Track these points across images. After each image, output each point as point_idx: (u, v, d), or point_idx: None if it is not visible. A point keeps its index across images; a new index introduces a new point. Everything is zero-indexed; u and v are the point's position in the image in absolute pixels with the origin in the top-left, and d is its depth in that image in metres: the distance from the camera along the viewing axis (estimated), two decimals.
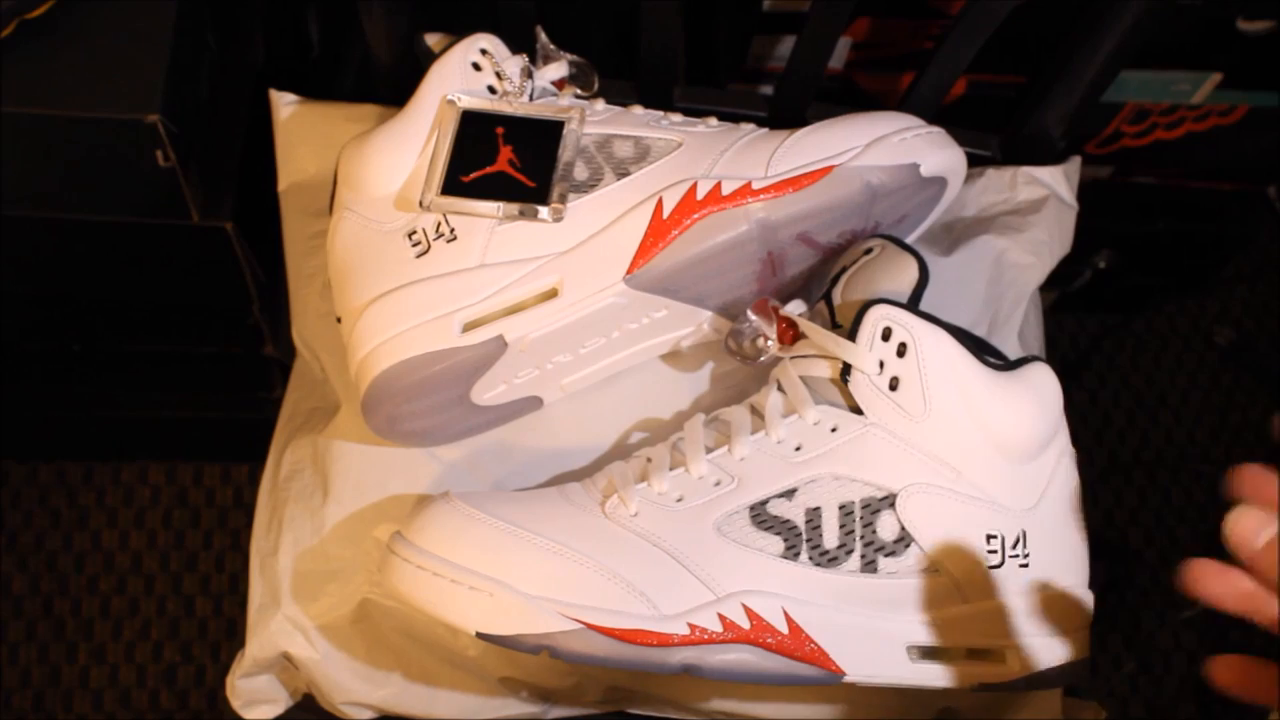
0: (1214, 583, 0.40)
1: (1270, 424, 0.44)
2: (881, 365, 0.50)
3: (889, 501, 0.50)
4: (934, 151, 0.55)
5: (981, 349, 0.52)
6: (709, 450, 0.52)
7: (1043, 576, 0.52)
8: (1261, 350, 1.26)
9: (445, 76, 0.56)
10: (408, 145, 0.55)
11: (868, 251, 0.53)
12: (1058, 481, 0.52)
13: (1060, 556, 0.52)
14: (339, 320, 0.55)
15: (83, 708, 1.07)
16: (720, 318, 0.58)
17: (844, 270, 0.53)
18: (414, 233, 0.54)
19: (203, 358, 0.96)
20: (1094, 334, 1.24)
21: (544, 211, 0.53)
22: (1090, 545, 0.54)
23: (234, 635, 1.09)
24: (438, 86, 0.55)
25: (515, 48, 0.57)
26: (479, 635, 0.48)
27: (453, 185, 0.54)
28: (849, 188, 0.54)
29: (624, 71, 0.66)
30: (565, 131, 0.55)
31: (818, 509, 0.50)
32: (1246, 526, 0.39)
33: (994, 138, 0.70)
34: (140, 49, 0.68)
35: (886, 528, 0.50)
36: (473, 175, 0.54)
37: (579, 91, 0.58)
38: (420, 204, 0.54)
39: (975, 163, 0.68)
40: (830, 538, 0.50)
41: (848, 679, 0.51)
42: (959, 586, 0.51)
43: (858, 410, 0.50)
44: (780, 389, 0.53)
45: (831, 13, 0.60)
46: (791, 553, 0.50)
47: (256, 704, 0.61)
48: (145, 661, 1.08)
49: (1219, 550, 0.50)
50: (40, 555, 1.11)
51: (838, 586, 0.50)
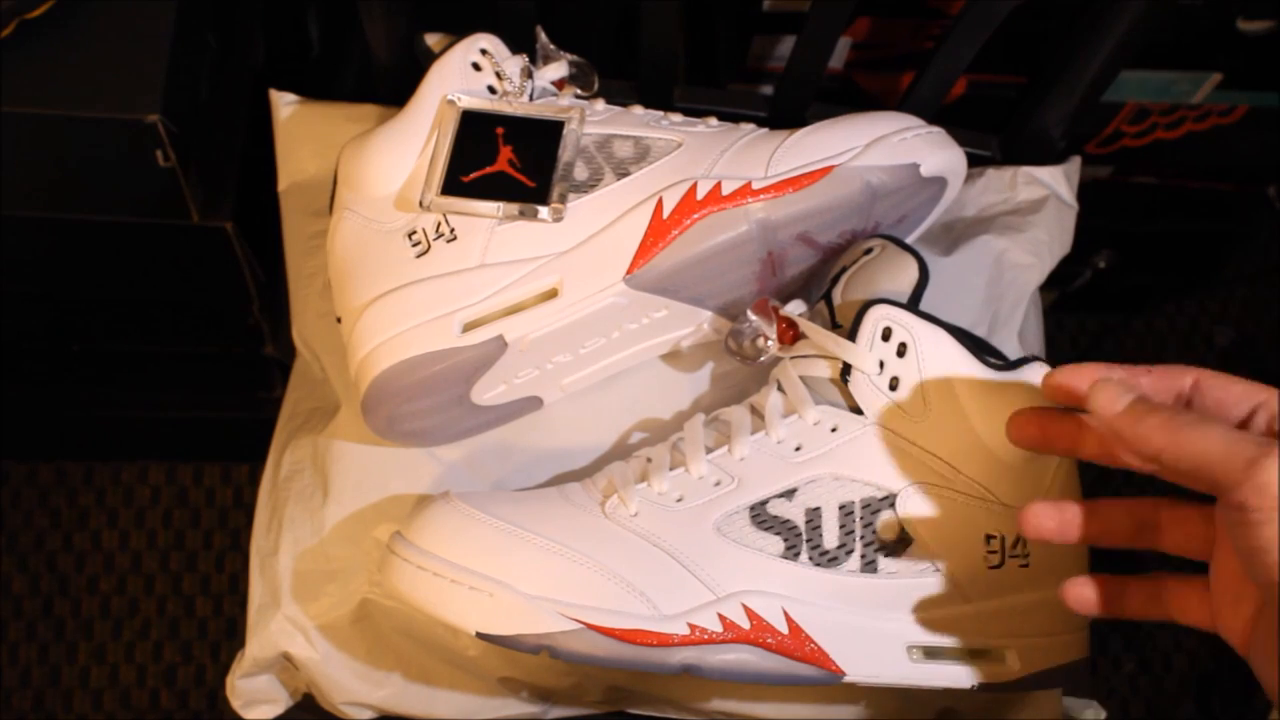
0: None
1: None
2: (881, 365, 0.50)
3: (889, 501, 0.50)
4: (934, 151, 0.55)
5: (981, 349, 0.52)
6: (709, 450, 0.52)
7: (1042, 576, 0.52)
8: (1261, 350, 1.26)
9: (445, 76, 0.56)
10: (408, 145, 0.55)
11: (868, 251, 0.53)
12: (1058, 480, 0.52)
13: (1060, 556, 0.52)
14: (339, 320, 0.55)
15: (83, 708, 1.07)
16: (720, 318, 0.58)
17: (844, 270, 0.53)
18: (414, 233, 0.54)
19: (203, 358, 0.96)
20: (1094, 334, 1.24)
21: (544, 211, 0.53)
22: (1090, 545, 0.54)
23: (234, 635, 1.09)
24: (438, 86, 0.55)
25: (515, 48, 0.57)
26: (479, 635, 0.48)
27: (453, 185, 0.54)
28: (849, 188, 0.54)
29: (624, 71, 0.66)
30: (565, 131, 0.55)
31: (818, 509, 0.50)
32: (1109, 395, 0.43)
33: (994, 138, 0.70)
34: (140, 49, 0.68)
35: (886, 528, 0.50)
36: (473, 175, 0.54)
37: (579, 91, 0.58)
38: (420, 204, 0.54)
39: (975, 163, 0.68)
40: (830, 538, 0.50)
41: (848, 679, 0.51)
42: (959, 586, 0.51)
43: (858, 410, 0.51)
44: (780, 389, 0.53)
45: (831, 13, 0.60)
46: (791, 553, 0.50)
47: (256, 704, 0.61)
48: (145, 661, 1.08)
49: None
50: (40, 555, 1.11)
51: (838, 586, 0.50)
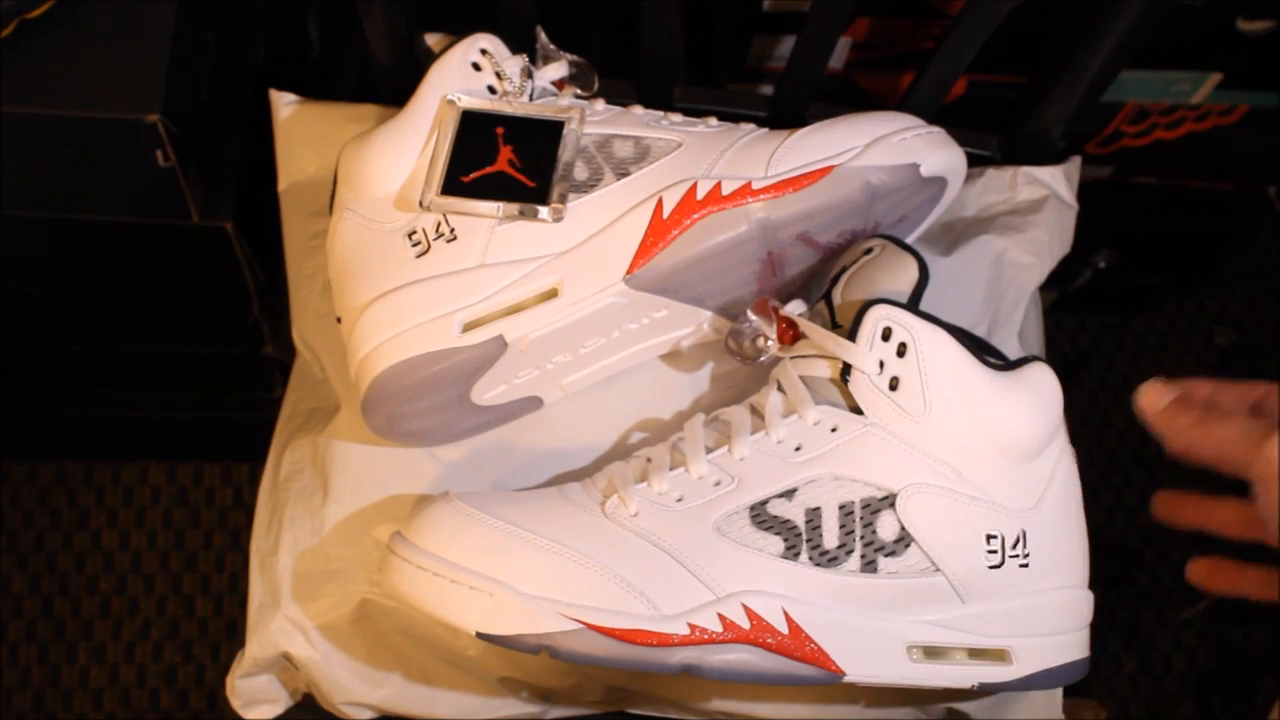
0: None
1: None
2: (881, 365, 0.50)
3: (889, 501, 0.50)
4: (934, 151, 0.55)
5: (981, 349, 0.52)
6: (709, 450, 0.52)
7: (1042, 576, 0.52)
8: (1261, 350, 1.26)
9: (445, 76, 0.56)
10: (408, 145, 0.55)
11: (868, 251, 0.53)
12: (1058, 481, 0.52)
13: (1060, 556, 0.52)
14: (339, 320, 0.55)
15: (83, 707, 1.07)
16: (720, 318, 0.58)
17: (844, 270, 0.53)
18: (414, 233, 0.54)
19: (203, 358, 0.96)
20: (1094, 334, 1.24)
21: (544, 211, 0.53)
22: (1090, 545, 0.54)
23: (234, 635, 1.09)
24: (438, 86, 0.55)
25: (515, 48, 0.57)
26: (479, 635, 0.48)
27: (453, 185, 0.54)
28: (849, 188, 0.54)
29: (624, 71, 0.66)
30: (565, 131, 0.55)
31: (818, 509, 0.50)
32: (1153, 394, 0.49)
33: (994, 138, 0.70)
34: (140, 49, 0.68)
35: (886, 528, 0.50)
36: (473, 175, 0.54)
37: (579, 91, 0.58)
38: (420, 204, 0.54)
39: (975, 163, 0.68)
40: (830, 538, 0.50)
41: (847, 679, 0.51)
42: (958, 586, 0.51)
43: (858, 410, 0.50)
44: (780, 389, 0.53)
45: (831, 13, 0.60)
46: (791, 553, 0.50)
47: (256, 704, 0.61)
48: (145, 661, 1.08)
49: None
50: (40, 555, 1.11)
51: (838, 587, 0.50)
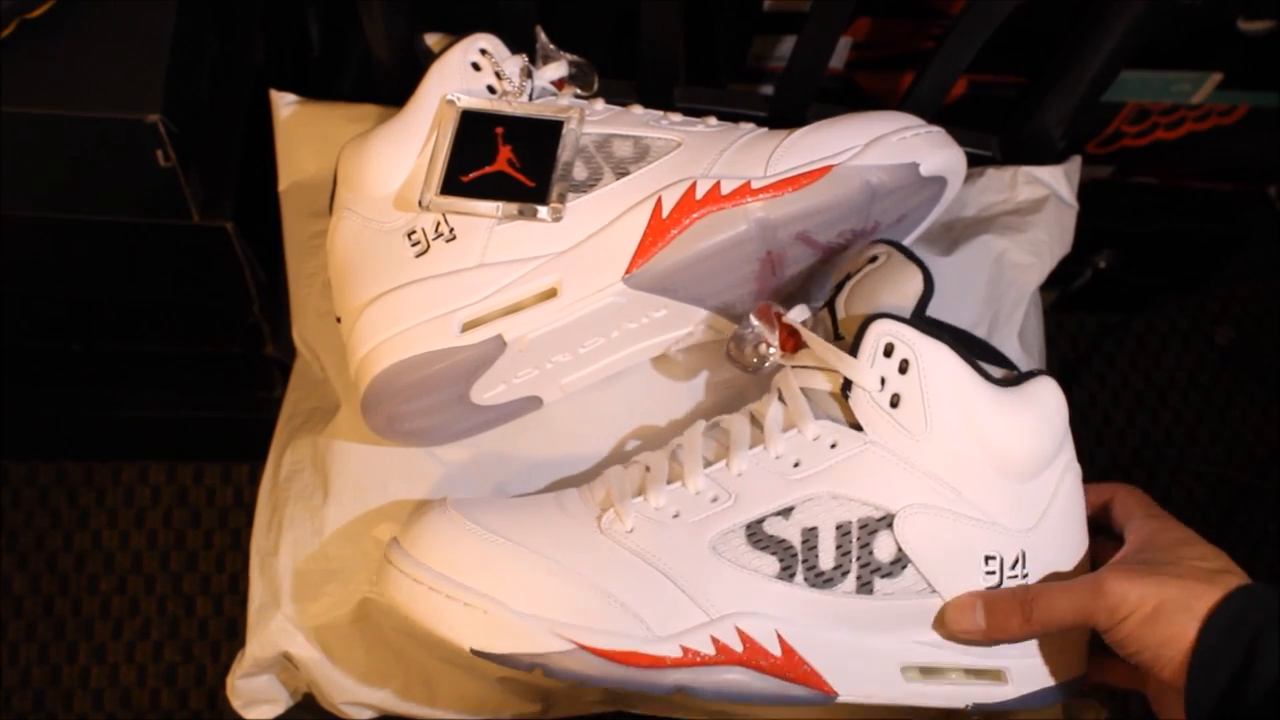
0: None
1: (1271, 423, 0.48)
2: (883, 382, 0.49)
3: (887, 522, 0.49)
4: (933, 151, 0.55)
5: (985, 354, 0.51)
6: (707, 464, 0.51)
7: None
8: (1261, 350, 1.26)
9: (445, 76, 0.56)
10: (407, 145, 0.55)
11: (872, 260, 0.52)
12: (1060, 499, 0.51)
13: (1060, 575, 0.52)
14: (339, 320, 0.55)
15: (83, 708, 1.07)
16: (720, 317, 0.58)
17: (848, 278, 0.52)
18: (413, 232, 0.54)
19: (203, 358, 0.96)
20: (1094, 334, 1.24)
21: (543, 211, 0.53)
22: (1091, 563, 0.54)
23: (234, 635, 1.09)
24: (437, 86, 0.55)
25: (515, 48, 0.57)
26: (473, 652, 0.48)
27: (452, 185, 0.54)
28: (848, 187, 0.54)
29: (624, 71, 0.66)
30: (564, 131, 0.55)
31: (814, 529, 0.49)
32: (965, 621, 0.50)
33: (994, 138, 0.70)
34: (140, 49, 0.68)
35: (883, 549, 0.49)
36: (472, 175, 0.54)
37: (579, 91, 0.58)
38: (420, 204, 0.54)
39: (975, 163, 0.68)
40: (826, 559, 0.49)
41: (840, 699, 0.50)
42: None
43: (857, 426, 0.50)
44: (781, 399, 0.52)
45: (831, 13, 0.60)
46: (787, 574, 0.49)
47: (257, 704, 0.61)
48: (145, 661, 1.08)
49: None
50: (40, 555, 1.11)
51: (832, 608, 0.49)
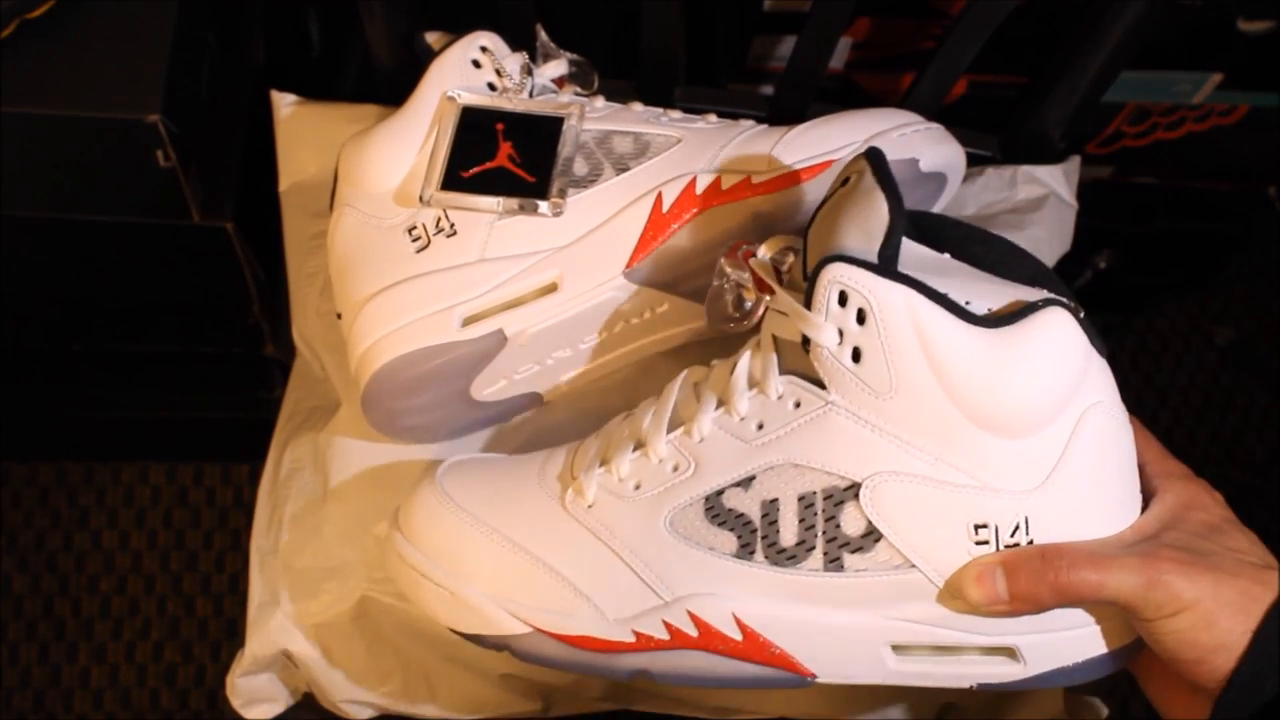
0: None
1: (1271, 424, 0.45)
2: (841, 335, 0.43)
3: (853, 492, 0.44)
4: (933, 147, 0.55)
5: (1003, 264, 0.45)
6: (671, 429, 0.48)
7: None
8: (1261, 350, 1.26)
9: (445, 73, 0.56)
10: (408, 141, 0.55)
11: (844, 181, 0.45)
12: (1078, 447, 0.43)
13: (1084, 535, 0.44)
14: (339, 316, 0.55)
15: (83, 708, 1.07)
16: None
17: (823, 204, 0.46)
18: (414, 228, 0.54)
19: (203, 358, 0.96)
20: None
21: (544, 206, 0.53)
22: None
23: (234, 635, 1.09)
24: (438, 83, 0.55)
25: (515, 47, 0.57)
26: (452, 631, 0.48)
27: (453, 180, 0.54)
28: None
29: (624, 71, 0.66)
30: (565, 127, 0.55)
31: (775, 501, 0.45)
32: (985, 591, 0.44)
33: (994, 138, 0.70)
34: (140, 49, 0.68)
35: (851, 522, 0.44)
36: (473, 171, 0.54)
37: (579, 90, 0.58)
38: (420, 199, 0.54)
39: (975, 162, 0.68)
40: (788, 534, 0.45)
41: (820, 680, 0.47)
42: (939, 584, 0.45)
43: (822, 383, 0.44)
44: (757, 349, 0.47)
45: (831, 13, 0.60)
46: (746, 551, 0.46)
47: (256, 703, 0.61)
48: (145, 661, 1.08)
49: None
50: (40, 555, 1.11)
51: (798, 587, 0.45)
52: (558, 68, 0.58)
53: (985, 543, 0.44)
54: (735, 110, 0.67)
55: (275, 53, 0.85)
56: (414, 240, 0.54)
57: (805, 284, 0.44)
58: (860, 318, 0.42)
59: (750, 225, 0.53)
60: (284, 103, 0.67)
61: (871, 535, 0.44)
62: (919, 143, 0.55)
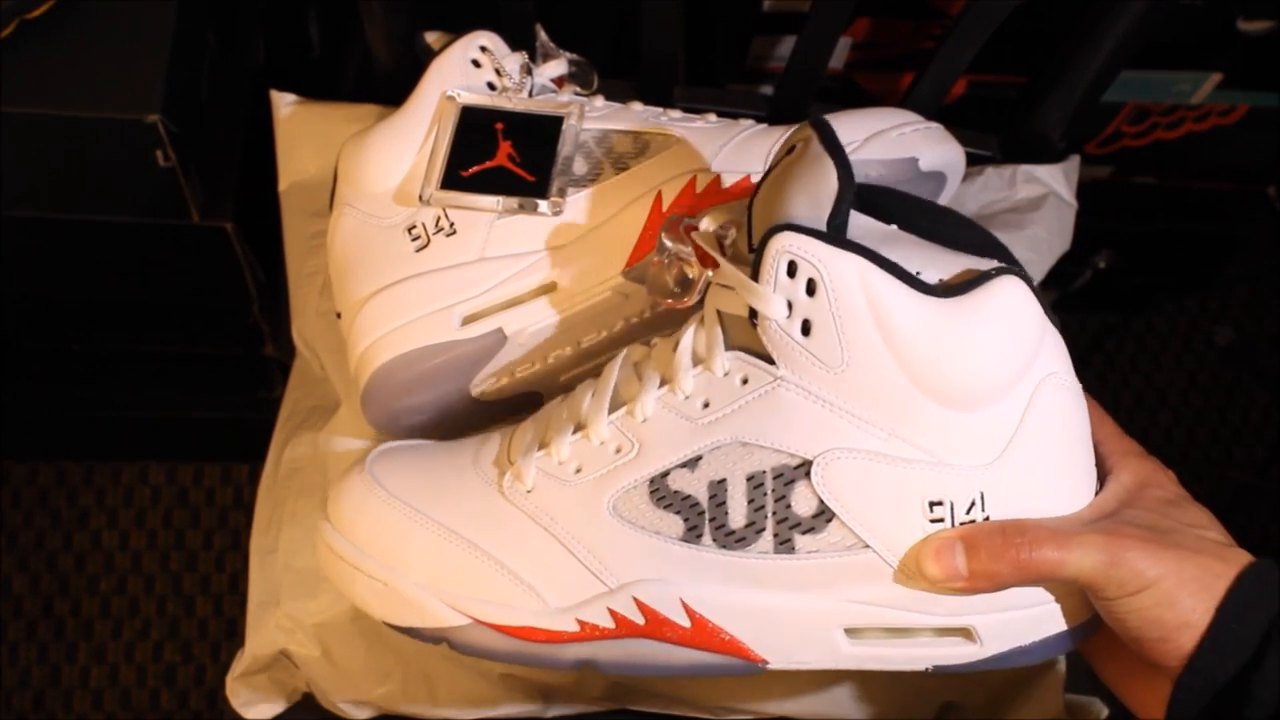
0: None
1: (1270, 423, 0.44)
2: (790, 307, 0.41)
3: (804, 471, 0.43)
4: (932, 146, 0.55)
5: (955, 236, 0.44)
6: (613, 409, 0.46)
7: None
8: (1261, 350, 1.26)
9: (445, 73, 0.56)
10: (407, 141, 0.55)
11: (790, 150, 0.44)
12: (1033, 424, 0.42)
13: (1041, 511, 0.43)
14: (339, 315, 0.55)
15: (83, 708, 1.07)
16: None
17: (767, 174, 0.45)
18: (414, 227, 0.54)
19: (203, 358, 0.96)
20: (1094, 334, 1.25)
21: (543, 205, 0.53)
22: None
23: (234, 635, 1.09)
24: (437, 83, 0.56)
25: (515, 47, 0.57)
26: (386, 624, 0.46)
27: (452, 180, 0.54)
28: None
29: (624, 71, 0.66)
30: (564, 127, 0.55)
31: (723, 482, 0.44)
32: (944, 566, 0.42)
33: (994, 137, 0.70)
34: (140, 49, 0.68)
35: (802, 501, 0.43)
36: (472, 170, 0.54)
37: (578, 90, 0.58)
38: (420, 198, 0.54)
39: (975, 162, 0.68)
40: (737, 516, 0.43)
41: (771, 667, 0.46)
42: (893, 564, 0.43)
43: (769, 359, 0.43)
44: (701, 326, 0.45)
45: (831, 13, 0.60)
46: (693, 534, 0.44)
47: (256, 703, 0.61)
48: (145, 661, 1.08)
49: None
50: (40, 555, 1.11)
51: (748, 570, 0.44)
52: (557, 67, 0.58)
53: (940, 520, 0.43)
54: (735, 110, 0.67)
55: (275, 53, 0.86)
56: (414, 239, 0.54)
57: (751, 256, 0.42)
58: (810, 289, 0.41)
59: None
60: (284, 103, 0.67)
61: (823, 515, 0.43)
62: (918, 142, 0.55)
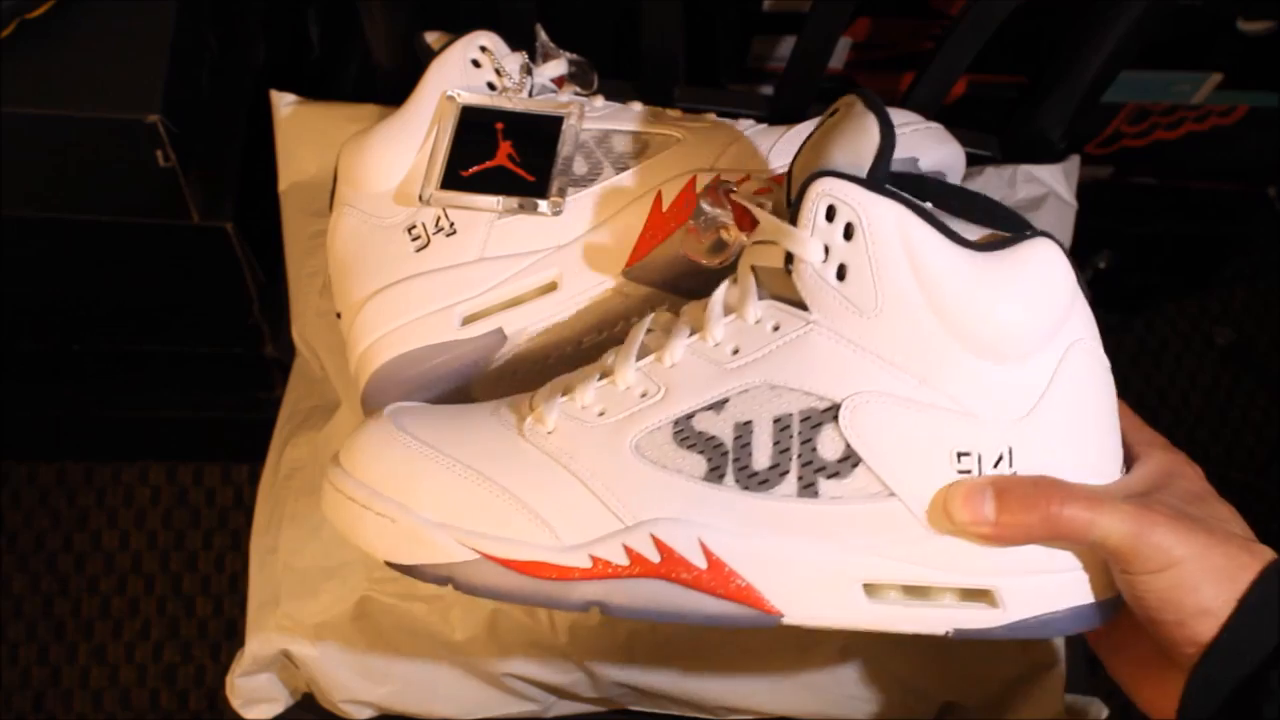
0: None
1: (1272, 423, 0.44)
2: (827, 251, 0.42)
3: (831, 414, 0.42)
4: (932, 146, 0.55)
5: (980, 212, 0.45)
6: (641, 357, 0.46)
7: None
8: (1261, 350, 1.26)
9: (445, 73, 0.56)
10: (407, 141, 0.55)
11: (832, 113, 0.44)
12: (1063, 381, 0.42)
13: (1065, 474, 0.43)
14: (339, 315, 0.55)
15: (83, 708, 1.07)
16: None
17: (809, 138, 0.46)
18: (414, 227, 0.54)
19: (203, 358, 0.96)
20: None
21: (543, 205, 0.53)
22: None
23: (234, 635, 1.09)
24: (437, 83, 0.56)
25: (515, 47, 0.57)
26: (388, 564, 0.45)
27: (452, 180, 0.54)
28: None
29: (624, 71, 0.66)
30: (564, 126, 0.55)
31: (749, 423, 0.43)
32: (973, 511, 0.42)
33: (994, 138, 0.70)
34: (140, 49, 0.68)
35: (828, 445, 0.43)
36: (472, 170, 0.54)
37: (578, 90, 0.58)
38: (420, 198, 0.54)
39: (975, 162, 0.68)
40: (761, 457, 0.43)
41: (786, 621, 0.44)
42: (919, 514, 0.43)
43: (804, 306, 0.43)
44: (734, 283, 0.46)
45: (831, 13, 0.60)
46: (715, 474, 0.43)
47: (256, 703, 0.61)
48: (145, 661, 1.08)
49: None
50: (40, 555, 1.11)
51: (770, 513, 0.43)
52: (557, 67, 0.58)
53: (967, 471, 0.42)
54: (735, 110, 0.67)
55: (275, 53, 0.86)
56: (414, 239, 0.54)
57: (789, 208, 0.42)
58: (848, 233, 0.41)
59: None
60: (284, 103, 0.67)
61: (849, 460, 0.42)
62: (919, 142, 0.55)
